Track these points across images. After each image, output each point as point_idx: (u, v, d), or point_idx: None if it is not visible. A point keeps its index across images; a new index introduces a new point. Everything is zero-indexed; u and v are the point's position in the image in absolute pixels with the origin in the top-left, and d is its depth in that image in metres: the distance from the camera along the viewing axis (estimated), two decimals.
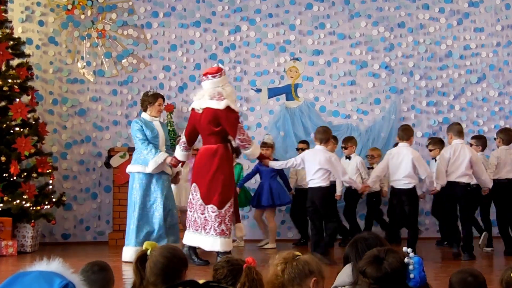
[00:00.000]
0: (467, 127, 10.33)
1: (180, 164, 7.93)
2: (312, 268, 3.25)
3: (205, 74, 7.48)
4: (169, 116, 9.87)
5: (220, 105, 7.23)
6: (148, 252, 3.26)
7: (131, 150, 9.52)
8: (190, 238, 7.37)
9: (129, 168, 7.86)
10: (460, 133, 8.06)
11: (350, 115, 10.32)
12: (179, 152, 7.74)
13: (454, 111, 10.37)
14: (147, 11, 10.24)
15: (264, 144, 9.04)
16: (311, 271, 3.24)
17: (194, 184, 7.38)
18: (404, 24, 10.43)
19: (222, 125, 7.28)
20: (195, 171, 7.49)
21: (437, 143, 9.00)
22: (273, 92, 10.33)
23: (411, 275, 2.43)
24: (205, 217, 7.23)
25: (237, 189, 8.76)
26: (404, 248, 2.55)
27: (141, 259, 3.27)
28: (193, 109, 7.54)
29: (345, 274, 3.42)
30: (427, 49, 10.42)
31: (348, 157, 9.26)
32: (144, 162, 7.67)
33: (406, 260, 2.49)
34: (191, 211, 7.36)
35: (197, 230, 7.27)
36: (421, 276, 2.49)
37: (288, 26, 10.35)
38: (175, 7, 10.27)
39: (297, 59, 10.36)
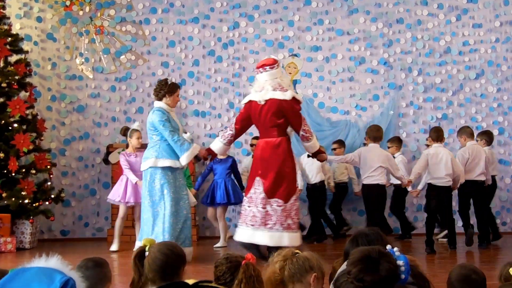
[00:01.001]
0: (466, 123, 10.32)
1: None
2: (312, 264, 3.26)
3: (261, 66, 7.30)
4: None
5: (286, 95, 7.13)
6: (147, 248, 3.26)
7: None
8: (244, 234, 7.09)
9: (152, 163, 7.22)
10: (472, 135, 8.68)
11: (349, 111, 10.32)
12: (219, 145, 7.50)
13: (453, 107, 10.37)
14: (145, 7, 10.23)
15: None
16: (311, 267, 3.25)
17: (257, 178, 7.12)
18: (402, 20, 10.43)
19: (286, 117, 7.18)
20: (259, 165, 7.19)
21: (395, 141, 9.49)
22: None
23: (402, 276, 2.37)
24: (267, 211, 7.01)
25: (194, 190, 8.87)
26: (389, 246, 2.48)
27: (139, 256, 3.27)
28: (250, 102, 7.28)
29: None
30: (425, 45, 10.42)
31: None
32: (170, 156, 7.24)
33: (388, 247, 2.45)
34: (250, 206, 7.11)
35: (253, 225, 7.02)
36: (407, 263, 2.44)
37: (286, 22, 10.35)
38: (173, 3, 10.26)
39: (295, 55, 10.35)
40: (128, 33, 10.19)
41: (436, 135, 8.34)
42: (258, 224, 6.98)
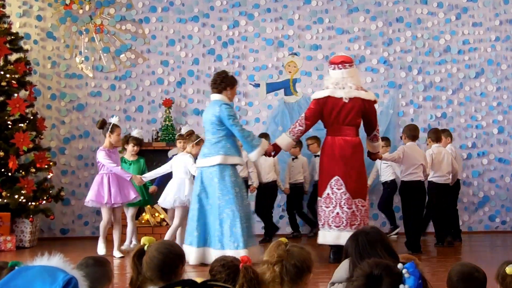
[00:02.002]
0: (466, 122, 10.35)
1: None
2: (309, 265, 3.26)
3: (340, 63, 7.15)
4: (167, 111, 9.86)
5: (369, 96, 7.21)
6: (145, 247, 3.26)
7: None
8: (329, 236, 6.94)
9: (222, 160, 6.88)
10: (438, 138, 8.68)
11: None
12: (287, 140, 7.25)
13: (453, 106, 10.37)
14: (145, 5, 10.22)
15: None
16: (308, 268, 3.25)
17: (337, 178, 6.97)
18: (402, 19, 10.43)
19: (365, 117, 7.19)
20: (338, 164, 7.00)
21: (383, 140, 9.40)
22: (272, 87, 10.33)
23: (406, 286, 2.23)
24: (353, 211, 6.90)
25: (154, 187, 8.31)
26: (400, 265, 2.30)
27: (138, 255, 3.27)
28: (328, 97, 7.07)
29: (343, 269, 3.41)
30: (425, 44, 10.42)
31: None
32: (238, 152, 7.02)
33: (399, 266, 2.31)
34: (328, 207, 6.97)
35: (338, 227, 6.88)
36: (417, 285, 2.27)
37: (286, 21, 10.34)
38: (173, 2, 10.26)
39: (295, 54, 10.35)
40: (128, 31, 10.19)
41: (435, 136, 8.61)
42: (343, 225, 6.87)
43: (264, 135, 8.95)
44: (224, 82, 7.05)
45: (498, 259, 3.48)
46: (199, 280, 2.88)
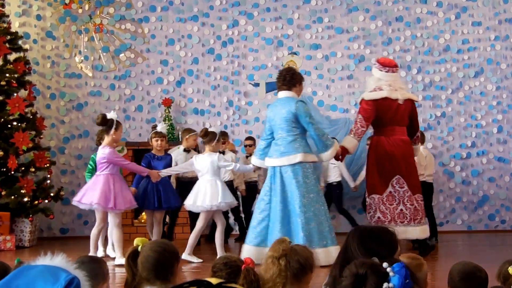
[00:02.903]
0: (465, 121, 10.35)
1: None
2: (311, 264, 3.26)
3: (394, 66, 7.44)
4: (166, 111, 9.86)
5: (417, 98, 7.60)
6: (139, 248, 3.26)
7: (129, 144, 9.54)
8: (396, 231, 7.21)
9: (303, 158, 6.84)
10: (423, 140, 8.80)
11: (348, 109, 10.32)
12: (354, 142, 7.30)
13: (452, 105, 10.37)
14: (144, 5, 10.22)
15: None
16: (311, 267, 3.25)
17: (398, 176, 7.19)
18: (402, 18, 10.43)
19: (413, 118, 7.51)
20: (400, 163, 7.22)
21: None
22: (271, 86, 10.32)
23: (390, 285, 2.23)
24: (415, 207, 7.21)
25: (133, 189, 7.78)
26: (385, 264, 2.29)
27: (132, 256, 3.26)
28: (385, 99, 7.24)
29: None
30: (424, 43, 10.42)
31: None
32: (309, 150, 6.98)
33: (384, 265, 2.30)
34: (392, 204, 7.16)
35: (402, 222, 7.12)
36: (403, 284, 2.26)
37: (286, 20, 10.34)
38: (172, 1, 10.25)
39: (295, 53, 10.35)
40: (127, 31, 10.18)
41: (423, 138, 8.66)
42: (407, 221, 7.14)
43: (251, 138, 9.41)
44: (294, 79, 7.09)
45: (498, 258, 3.47)
46: (214, 281, 2.88)
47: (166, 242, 3.38)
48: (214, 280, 2.89)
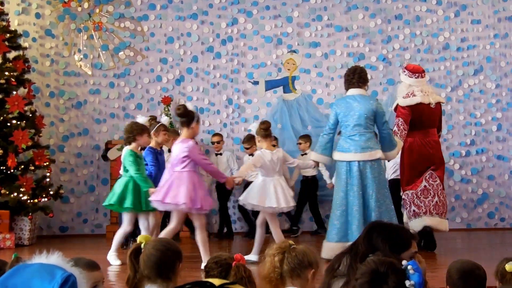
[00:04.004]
0: (465, 119, 10.35)
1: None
2: (310, 260, 3.26)
3: (423, 71, 8.00)
4: (166, 109, 9.86)
5: (444, 100, 7.93)
6: (142, 245, 3.26)
7: None
8: (434, 222, 7.71)
9: (381, 155, 7.10)
10: None
11: None
12: (401, 143, 7.60)
13: (451, 103, 10.37)
14: (143, 3, 10.21)
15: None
16: (310, 263, 3.25)
17: (430, 172, 7.73)
18: (401, 16, 10.42)
19: (439, 118, 8.00)
20: (433, 161, 7.76)
21: (305, 137, 9.60)
22: (271, 85, 10.33)
23: (412, 282, 2.25)
24: (443, 201, 7.81)
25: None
26: (404, 262, 2.34)
27: (135, 253, 3.26)
28: (421, 103, 7.72)
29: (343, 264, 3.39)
30: (424, 41, 10.41)
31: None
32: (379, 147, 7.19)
33: (403, 263, 2.33)
34: (427, 197, 7.68)
35: (437, 213, 7.71)
36: (420, 283, 2.29)
37: (285, 18, 10.33)
38: (172, 0, 10.24)
39: (294, 51, 10.34)
40: (126, 29, 10.18)
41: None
42: (441, 213, 7.75)
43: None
44: (365, 78, 7.38)
45: (497, 256, 3.48)
46: (217, 282, 2.88)
47: (169, 241, 3.38)
48: (217, 281, 2.89)
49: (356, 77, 7.24)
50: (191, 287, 2.83)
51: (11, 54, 9.12)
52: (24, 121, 8.88)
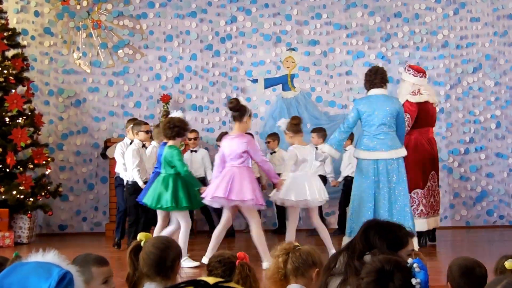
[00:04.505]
0: (464, 117, 10.35)
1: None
2: (315, 260, 3.27)
3: (425, 72, 8.26)
4: (165, 107, 9.86)
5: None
6: (142, 243, 3.26)
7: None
8: (434, 223, 8.03)
9: (404, 153, 7.32)
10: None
11: (347, 105, 10.31)
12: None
13: (450, 101, 10.37)
14: (142, 1, 10.20)
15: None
16: (314, 262, 3.26)
17: (433, 172, 8.07)
18: (400, 14, 10.42)
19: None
20: (434, 160, 8.09)
21: (274, 135, 9.54)
22: (270, 83, 10.33)
23: (418, 280, 2.24)
24: (438, 200, 8.19)
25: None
26: (410, 260, 2.32)
27: (135, 250, 3.27)
28: (427, 102, 8.04)
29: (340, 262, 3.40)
30: (423, 39, 10.41)
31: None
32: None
33: (409, 261, 2.32)
34: (426, 198, 7.95)
35: (433, 214, 8.06)
36: (426, 281, 2.28)
37: (284, 16, 10.33)
38: None
39: (293, 49, 10.34)
40: (125, 27, 10.17)
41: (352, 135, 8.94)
42: (434, 211, 8.05)
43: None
44: (387, 79, 7.53)
45: (496, 254, 3.48)
46: (211, 280, 2.87)
47: (169, 239, 3.38)
48: (211, 280, 2.89)
49: (378, 78, 7.37)
50: (185, 285, 2.83)
51: (10, 52, 9.11)
52: (23, 119, 8.88)
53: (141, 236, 3.30)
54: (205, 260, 6.39)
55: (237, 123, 6.74)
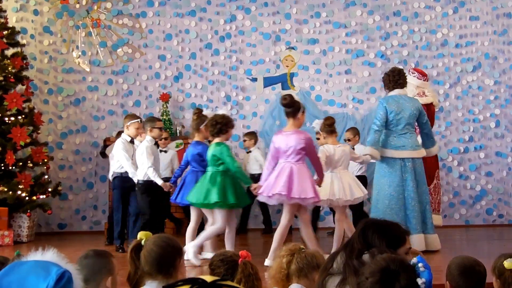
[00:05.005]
0: (463, 116, 10.36)
1: None
2: (319, 262, 3.29)
3: (427, 75, 8.45)
4: (164, 106, 9.86)
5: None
6: (143, 242, 3.26)
7: None
8: (438, 221, 8.10)
9: (425, 152, 7.61)
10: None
11: (346, 104, 10.32)
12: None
13: (450, 100, 10.38)
14: (142, 0, 10.20)
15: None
16: (318, 265, 3.27)
17: (437, 170, 8.31)
18: (399, 13, 10.42)
19: None
20: (436, 158, 8.32)
21: (251, 134, 9.58)
22: (269, 81, 10.33)
23: (423, 279, 2.23)
24: (439, 198, 8.34)
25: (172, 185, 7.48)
26: (414, 260, 2.32)
27: (136, 249, 3.27)
28: (431, 103, 8.24)
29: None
30: (422, 37, 10.41)
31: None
32: None
33: (413, 260, 2.31)
34: (433, 195, 8.10)
35: (437, 211, 8.20)
36: (430, 280, 2.28)
37: (283, 15, 10.33)
38: None
39: (292, 48, 10.34)
40: (124, 26, 10.16)
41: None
42: (434, 209, 8.14)
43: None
44: (405, 79, 7.70)
45: (495, 253, 3.48)
46: (209, 278, 2.88)
47: (170, 237, 3.38)
48: (209, 278, 2.90)
49: (402, 78, 7.58)
50: (183, 284, 2.84)
51: (9, 51, 9.10)
52: (23, 118, 8.87)
53: (141, 235, 3.30)
54: (267, 262, 6.25)
55: (291, 120, 6.66)
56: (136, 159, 7.58)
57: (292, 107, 6.62)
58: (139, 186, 7.55)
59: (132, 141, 7.80)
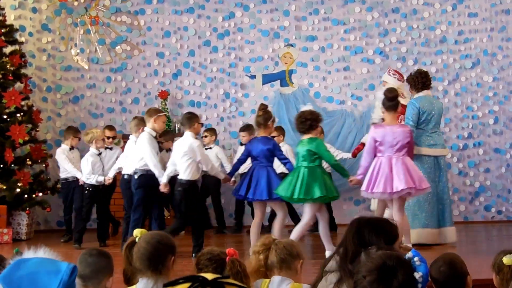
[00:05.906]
0: (462, 113, 10.36)
1: None
2: (299, 251, 3.32)
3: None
4: (163, 103, 9.85)
5: None
6: (137, 239, 3.29)
7: (125, 137, 9.49)
8: None
9: (447, 151, 8.13)
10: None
11: (345, 101, 10.32)
12: None
13: (449, 96, 10.38)
14: None
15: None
16: (298, 254, 3.31)
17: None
18: (398, 10, 10.41)
19: None
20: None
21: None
22: (268, 78, 10.32)
23: (419, 273, 2.26)
24: None
25: (232, 180, 7.59)
26: (409, 254, 2.37)
27: (130, 246, 3.30)
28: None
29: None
30: (421, 34, 10.41)
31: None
32: None
33: (408, 255, 2.34)
34: None
35: None
36: (427, 273, 2.32)
37: (282, 12, 10.32)
38: None
39: (291, 45, 10.33)
40: (123, 23, 10.15)
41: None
42: None
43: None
44: (430, 81, 8.04)
45: (494, 249, 3.49)
46: (209, 276, 2.89)
47: (162, 234, 3.41)
48: (209, 276, 2.90)
49: (428, 80, 7.92)
50: (184, 281, 2.85)
51: (8, 49, 9.10)
52: (21, 116, 8.87)
53: (136, 232, 3.33)
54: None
55: (392, 113, 6.80)
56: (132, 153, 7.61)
57: (394, 101, 6.80)
58: (185, 186, 7.24)
59: (156, 137, 7.47)
